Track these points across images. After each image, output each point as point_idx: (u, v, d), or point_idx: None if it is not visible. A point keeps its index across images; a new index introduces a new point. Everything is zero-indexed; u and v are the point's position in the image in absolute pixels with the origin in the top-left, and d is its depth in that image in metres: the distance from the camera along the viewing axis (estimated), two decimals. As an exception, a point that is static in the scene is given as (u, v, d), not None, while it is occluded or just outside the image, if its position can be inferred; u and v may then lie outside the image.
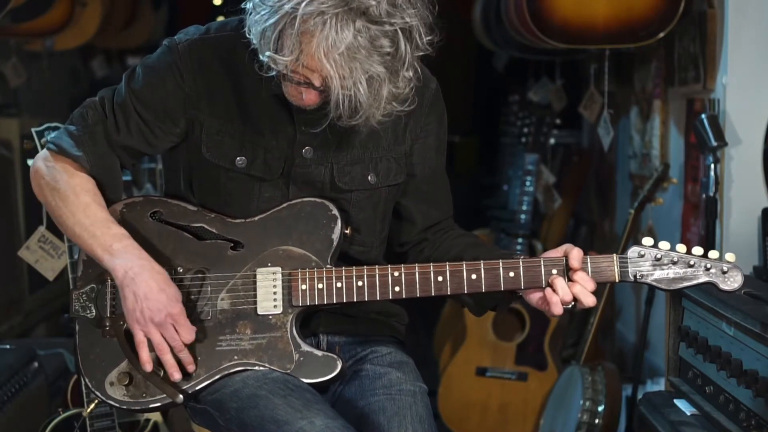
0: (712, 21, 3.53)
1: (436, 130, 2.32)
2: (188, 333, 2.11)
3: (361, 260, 2.26)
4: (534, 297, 2.18)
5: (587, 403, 3.98)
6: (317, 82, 1.99)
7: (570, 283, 2.10)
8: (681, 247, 2.11)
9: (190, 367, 2.14)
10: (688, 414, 2.54)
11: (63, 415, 3.22)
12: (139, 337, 2.12)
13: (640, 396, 2.97)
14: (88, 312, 2.21)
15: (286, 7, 1.93)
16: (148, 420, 3.21)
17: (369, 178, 2.24)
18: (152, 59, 2.20)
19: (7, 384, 3.40)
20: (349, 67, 1.93)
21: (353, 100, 1.96)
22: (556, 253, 2.14)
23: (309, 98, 2.05)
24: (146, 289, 2.08)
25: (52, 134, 2.27)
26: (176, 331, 2.10)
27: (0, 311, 4.53)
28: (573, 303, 2.11)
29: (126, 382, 2.17)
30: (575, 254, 2.11)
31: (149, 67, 2.19)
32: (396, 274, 2.13)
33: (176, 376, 2.13)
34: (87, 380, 2.20)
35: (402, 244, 2.38)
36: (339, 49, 1.92)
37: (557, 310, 2.11)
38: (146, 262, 2.11)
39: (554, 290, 2.11)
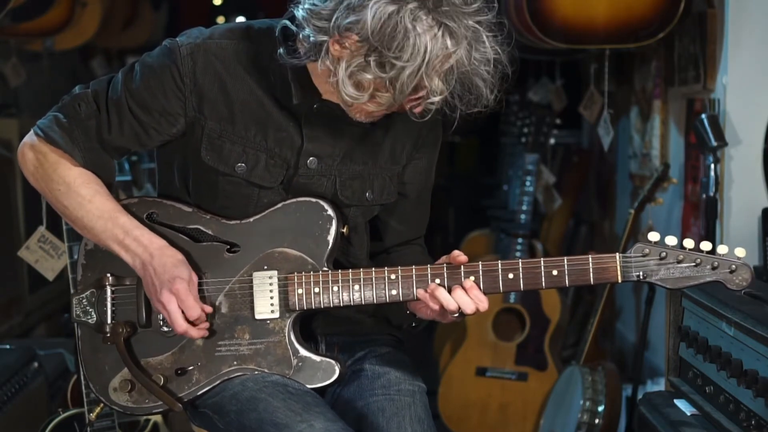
0: (712, 21, 3.52)
1: (430, 153, 2.31)
2: (192, 309, 2.08)
3: None
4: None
5: (587, 403, 3.98)
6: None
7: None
8: (689, 243, 2.05)
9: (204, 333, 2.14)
10: (688, 414, 2.54)
11: (63, 415, 3.22)
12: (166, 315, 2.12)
13: (640, 396, 2.96)
14: (89, 317, 2.21)
15: (416, 58, 1.92)
16: (148, 420, 3.21)
17: (367, 194, 2.24)
18: (152, 59, 2.17)
19: (7, 384, 3.40)
20: (477, 53, 1.98)
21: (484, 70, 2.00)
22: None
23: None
24: (160, 271, 2.09)
25: (41, 119, 2.21)
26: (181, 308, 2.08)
27: (0, 311, 4.53)
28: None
29: (128, 389, 2.18)
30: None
31: (148, 67, 2.16)
32: (393, 276, 2.11)
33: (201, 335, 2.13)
34: (91, 385, 2.21)
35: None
36: (471, 51, 1.97)
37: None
38: (158, 251, 2.11)
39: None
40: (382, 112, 2.07)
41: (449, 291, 2.08)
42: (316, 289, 2.13)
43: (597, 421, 3.98)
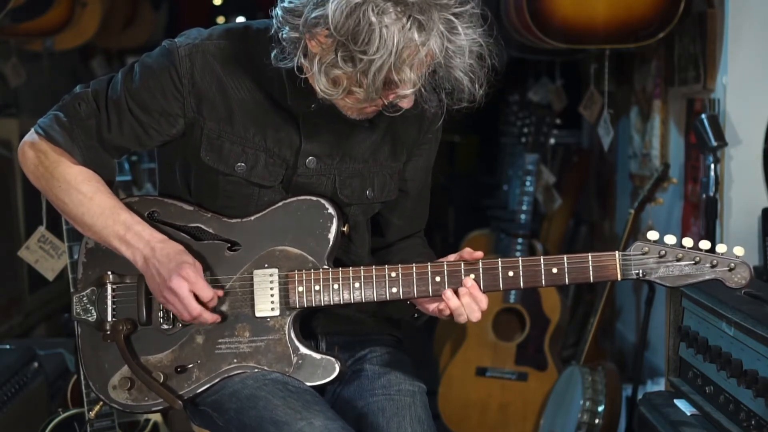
0: (712, 21, 3.53)
1: (430, 150, 2.31)
2: (204, 290, 2.08)
3: None
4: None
5: (587, 403, 3.98)
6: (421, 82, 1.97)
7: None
8: (687, 242, 2.05)
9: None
10: (688, 414, 2.54)
11: (63, 415, 3.22)
12: (171, 309, 2.11)
13: (640, 396, 2.96)
14: (89, 315, 2.21)
15: (382, 51, 1.88)
16: (147, 420, 3.21)
17: (367, 192, 2.24)
18: (151, 59, 2.17)
19: (7, 384, 3.40)
20: (452, 44, 1.94)
21: (463, 63, 1.96)
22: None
23: (410, 102, 2.02)
24: (165, 261, 2.08)
25: (42, 118, 2.21)
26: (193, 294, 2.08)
27: (0, 311, 4.53)
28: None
29: (128, 387, 2.18)
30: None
31: (147, 68, 2.16)
32: (393, 274, 2.11)
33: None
34: (90, 383, 2.21)
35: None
36: (443, 42, 1.92)
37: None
38: (160, 244, 2.11)
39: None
40: (372, 109, 2.06)
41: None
42: (317, 287, 2.14)
43: (597, 421, 3.98)
